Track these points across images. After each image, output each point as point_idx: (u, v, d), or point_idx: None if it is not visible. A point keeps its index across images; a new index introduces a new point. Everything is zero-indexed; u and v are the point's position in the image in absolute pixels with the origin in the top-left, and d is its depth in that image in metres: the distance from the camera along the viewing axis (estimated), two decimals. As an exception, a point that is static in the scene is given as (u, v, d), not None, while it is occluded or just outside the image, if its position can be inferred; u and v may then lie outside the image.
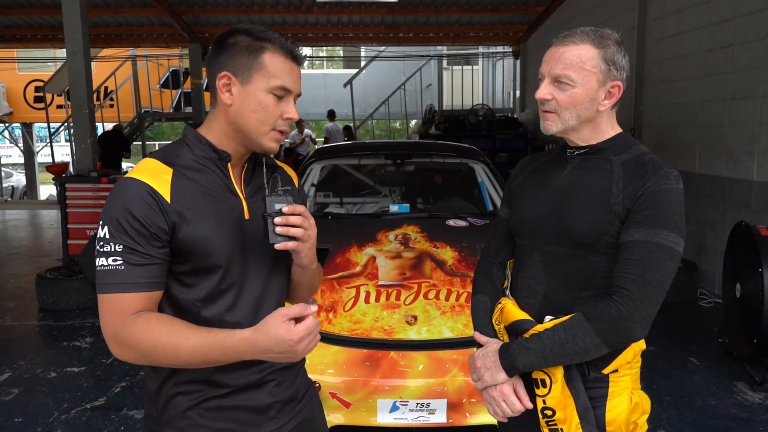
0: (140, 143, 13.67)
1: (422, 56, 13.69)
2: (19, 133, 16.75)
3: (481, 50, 14.33)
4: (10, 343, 4.47)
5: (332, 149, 5.01)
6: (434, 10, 9.89)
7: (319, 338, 1.17)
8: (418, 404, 2.48)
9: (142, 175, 1.21)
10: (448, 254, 3.12)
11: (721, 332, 4.22)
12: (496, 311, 1.52)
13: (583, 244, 1.38)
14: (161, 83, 14.07)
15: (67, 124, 12.00)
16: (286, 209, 1.22)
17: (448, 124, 10.09)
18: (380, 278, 2.91)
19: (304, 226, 1.24)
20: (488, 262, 1.65)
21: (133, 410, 3.32)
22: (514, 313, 1.46)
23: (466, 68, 14.36)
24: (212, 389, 1.28)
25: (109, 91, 13.54)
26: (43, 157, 16.21)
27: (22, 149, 16.50)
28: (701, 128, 5.63)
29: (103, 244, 1.18)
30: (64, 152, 16.61)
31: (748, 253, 3.71)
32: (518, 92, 12.07)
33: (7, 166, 18.80)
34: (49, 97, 12.66)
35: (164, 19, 9.92)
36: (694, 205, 5.64)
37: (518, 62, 11.79)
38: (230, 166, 1.30)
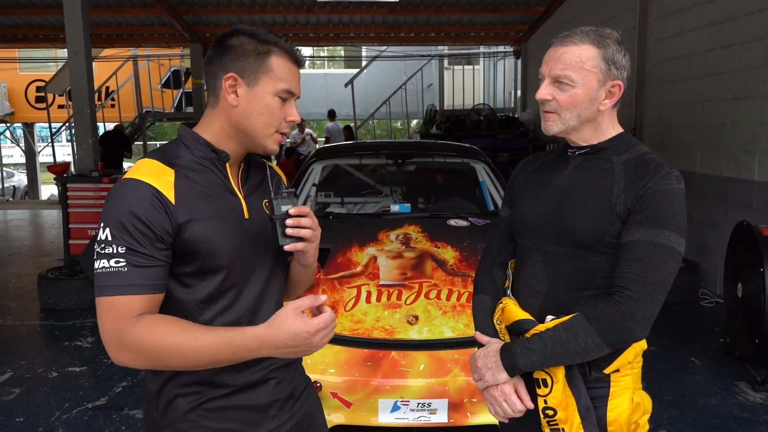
0: (141, 143, 13.68)
1: (423, 56, 13.70)
2: (20, 133, 16.78)
3: (482, 50, 14.34)
4: (11, 342, 4.48)
5: (333, 149, 5.01)
6: (435, 9, 9.88)
7: (334, 331, 1.15)
8: (419, 404, 2.48)
9: (143, 176, 1.18)
10: (449, 254, 3.12)
11: (722, 332, 4.21)
12: (497, 311, 1.52)
13: (584, 244, 1.38)
14: (162, 83, 14.10)
15: (68, 124, 12.00)
16: (292, 211, 1.22)
17: (449, 123, 10.07)
18: (381, 278, 2.91)
19: (312, 227, 1.24)
20: (489, 262, 1.65)
21: (134, 410, 3.33)
22: (515, 312, 1.46)
23: (467, 68, 14.34)
24: (213, 390, 1.27)
25: (110, 91, 13.55)
26: (44, 157, 16.20)
27: (23, 149, 16.52)
28: (702, 128, 5.63)
29: (104, 245, 1.15)
30: (65, 152, 16.62)
31: (749, 252, 3.71)
32: (519, 92, 12.06)
33: (8, 166, 18.81)
34: (50, 97, 12.68)
35: (165, 19, 9.92)
36: (695, 205, 5.64)
37: (519, 62, 11.79)
38: (227, 165, 1.30)
